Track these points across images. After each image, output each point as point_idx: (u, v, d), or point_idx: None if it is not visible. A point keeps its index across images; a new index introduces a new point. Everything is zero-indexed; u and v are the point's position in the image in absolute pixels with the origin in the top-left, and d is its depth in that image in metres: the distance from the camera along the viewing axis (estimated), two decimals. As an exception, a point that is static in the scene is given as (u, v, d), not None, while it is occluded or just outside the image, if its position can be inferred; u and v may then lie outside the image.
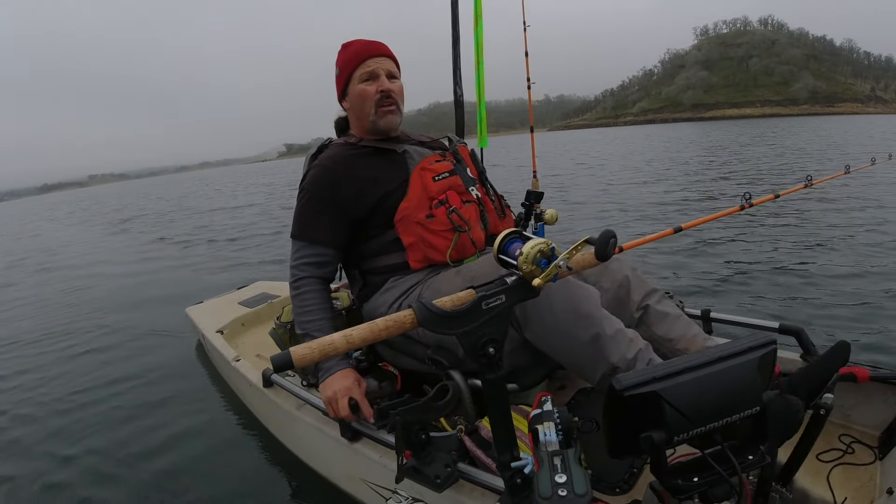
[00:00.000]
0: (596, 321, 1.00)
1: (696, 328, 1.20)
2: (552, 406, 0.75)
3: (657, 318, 1.19)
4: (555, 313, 1.00)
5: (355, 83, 1.31)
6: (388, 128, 1.33)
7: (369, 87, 1.29)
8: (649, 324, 1.19)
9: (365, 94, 1.29)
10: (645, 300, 1.20)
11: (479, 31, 2.14)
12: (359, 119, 1.35)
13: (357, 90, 1.30)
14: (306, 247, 1.30)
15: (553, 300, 1.00)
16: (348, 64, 1.31)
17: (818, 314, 2.66)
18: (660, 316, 1.19)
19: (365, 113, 1.32)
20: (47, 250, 9.10)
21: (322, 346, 0.69)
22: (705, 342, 1.16)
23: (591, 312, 1.01)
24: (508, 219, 1.50)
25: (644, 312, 1.20)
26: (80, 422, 2.18)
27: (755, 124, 46.40)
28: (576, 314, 1.00)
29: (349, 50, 1.31)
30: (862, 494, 1.05)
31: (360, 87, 1.30)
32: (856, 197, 5.88)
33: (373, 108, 1.30)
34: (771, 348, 0.68)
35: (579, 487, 0.60)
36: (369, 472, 1.22)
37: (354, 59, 1.30)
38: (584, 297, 1.02)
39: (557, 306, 1.00)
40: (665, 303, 1.22)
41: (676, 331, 1.18)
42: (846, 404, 1.27)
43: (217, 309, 2.55)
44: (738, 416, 0.65)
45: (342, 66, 1.32)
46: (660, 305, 1.20)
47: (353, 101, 1.33)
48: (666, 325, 1.18)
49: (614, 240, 0.75)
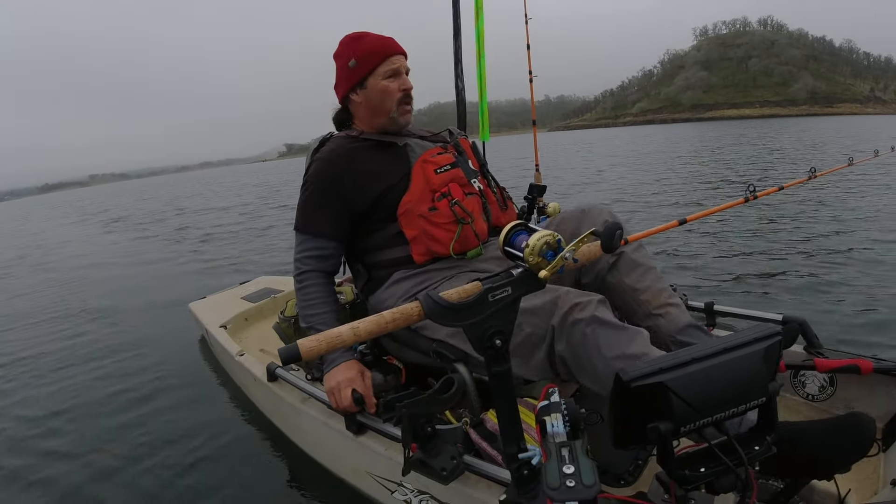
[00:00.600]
0: (647, 358, 0.96)
1: (663, 283, 1.20)
2: (559, 397, 0.75)
3: (629, 266, 1.20)
4: (605, 359, 0.96)
5: (378, 78, 1.30)
6: (406, 124, 1.36)
7: (392, 83, 1.30)
8: (620, 269, 1.20)
9: (389, 91, 1.30)
10: (623, 246, 1.19)
11: (480, 24, 2.13)
12: (374, 113, 1.34)
13: (381, 86, 1.30)
14: (309, 240, 1.30)
15: (602, 347, 0.96)
16: (371, 58, 1.29)
17: (821, 306, 2.66)
18: (632, 264, 1.20)
19: (386, 109, 1.32)
20: (45, 247, 9.12)
21: (329, 338, 0.69)
22: (669, 298, 1.17)
23: (640, 353, 0.96)
24: (511, 210, 1.50)
25: (618, 258, 1.20)
26: (84, 417, 2.19)
27: (754, 125, 46.19)
28: (625, 357, 0.95)
29: (368, 42, 1.30)
30: (866, 486, 1.06)
31: (385, 84, 1.30)
32: (860, 189, 5.86)
33: (395, 106, 1.32)
34: (776, 339, 0.68)
35: (587, 478, 0.60)
36: (375, 465, 1.22)
37: (379, 53, 1.29)
38: (631, 340, 0.98)
39: (607, 353, 0.96)
40: (640, 252, 1.22)
41: (644, 282, 1.18)
42: (850, 396, 1.27)
43: (220, 304, 2.56)
44: (744, 407, 0.65)
45: (362, 59, 1.30)
46: (635, 254, 1.21)
47: (374, 95, 1.32)
48: (636, 275, 1.19)
49: (620, 231, 0.75)
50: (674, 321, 1.15)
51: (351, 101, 1.37)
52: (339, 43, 1.35)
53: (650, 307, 1.17)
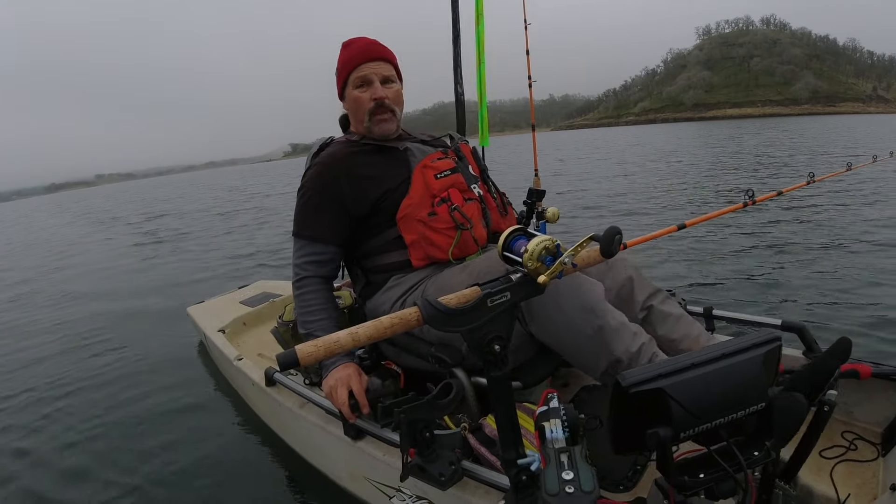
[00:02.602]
0: (600, 314, 1.00)
1: (699, 328, 1.20)
2: (558, 403, 0.75)
3: (660, 318, 1.19)
4: (560, 306, 1.00)
5: (350, 88, 1.31)
6: (384, 135, 1.33)
7: (363, 93, 1.29)
8: (653, 324, 1.19)
9: (359, 101, 1.30)
10: (649, 300, 1.20)
11: (481, 30, 2.14)
12: (356, 122, 1.36)
13: (352, 96, 1.31)
14: (307, 245, 1.30)
15: (559, 293, 1.00)
16: (344, 67, 1.30)
17: (820, 311, 2.66)
18: (663, 316, 1.19)
19: (359, 119, 1.33)
20: (45, 247, 9.10)
21: (328, 343, 0.69)
22: (708, 342, 1.17)
23: (596, 305, 1.01)
24: (510, 216, 1.50)
25: (648, 313, 1.20)
26: (81, 422, 2.18)
27: (755, 124, 46.35)
28: (581, 307, 1.00)
29: (347, 51, 1.31)
30: (865, 491, 1.06)
31: (355, 94, 1.30)
32: (858, 194, 5.88)
33: (367, 117, 1.30)
34: (776, 345, 0.68)
35: (587, 485, 0.60)
36: (373, 470, 1.22)
37: (349, 63, 1.29)
38: (589, 290, 1.02)
39: (563, 299, 1.00)
40: (669, 303, 1.22)
41: (680, 331, 1.18)
42: (849, 401, 1.27)
43: (218, 308, 2.55)
44: (743, 413, 0.65)
45: (339, 68, 1.32)
46: (663, 305, 1.20)
47: (349, 105, 1.34)
48: (669, 325, 1.18)
49: (619, 236, 0.75)
50: None
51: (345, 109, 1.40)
52: None
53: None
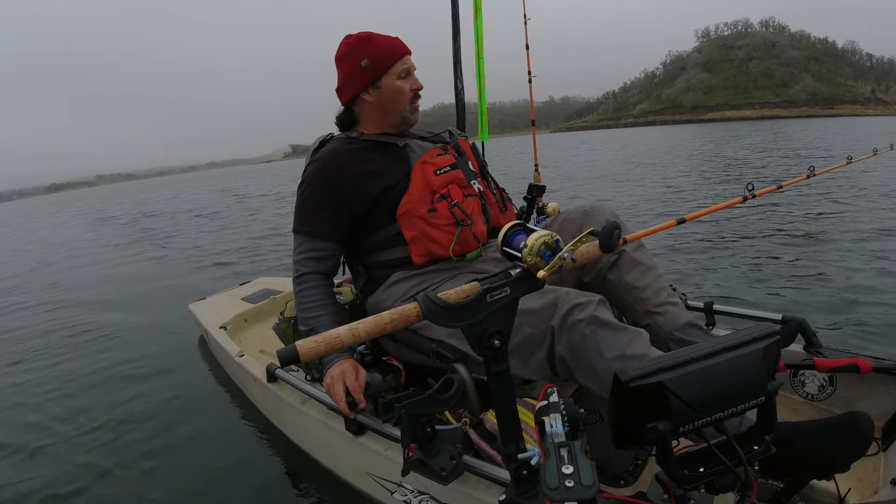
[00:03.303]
0: (646, 359, 0.95)
1: (663, 282, 1.22)
2: (558, 397, 0.75)
3: (630, 265, 1.22)
4: (605, 359, 0.96)
5: (393, 78, 1.31)
6: (415, 122, 1.39)
7: (405, 84, 1.32)
8: (620, 267, 1.22)
9: (402, 91, 1.32)
10: (623, 245, 1.20)
11: (479, 24, 2.13)
12: (385, 113, 1.35)
13: (395, 85, 1.31)
14: (307, 241, 1.30)
15: (602, 348, 0.96)
16: (386, 58, 1.30)
17: (821, 305, 2.66)
18: (633, 262, 1.22)
19: (399, 108, 1.33)
20: (42, 248, 9.12)
21: (328, 339, 0.69)
22: (668, 297, 1.19)
23: (639, 354, 0.97)
24: (510, 212, 1.49)
25: (619, 256, 1.22)
26: (83, 419, 2.19)
27: (753, 126, 46.19)
28: (624, 357, 0.96)
29: (381, 43, 1.30)
30: (865, 485, 1.06)
31: (399, 84, 1.31)
32: (859, 187, 5.86)
33: (408, 105, 1.34)
34: (775, 339, 0.68)
35: (586, 479, 0.60)
36: (375, 465, 1.22)
37: (394, 54, 1.30)
38: (630, 341, 0.98)
39: (607, 353, 0.96)
40: (641, 252, 1.24)
41: (644, 280, 1.20)
42: (850, 396, 1.27)
43: (220, 305, 2.56)
44: (743, 407, 0.65)
45: (377, 59, 1.29)
46: (635, 253, 1.23)
47: (387, 94, 1.32)
48: (636, 273, 1.21)
49: (619, 231, 0.75)
50: (673, 319, 1.16)
51: (360, 102, 1.35)
52: (343, 44, 1.33)
53: (649, 305, 1.19)
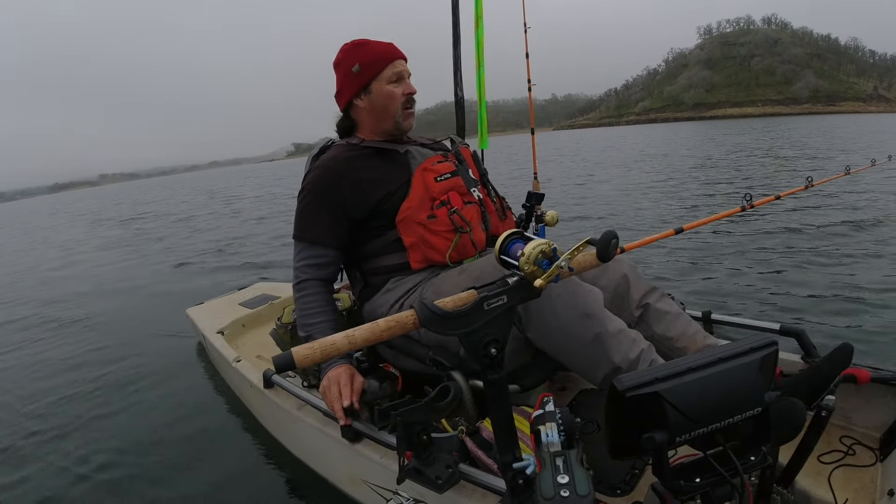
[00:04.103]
0: (599, 321, 1.00)
1: (696, 326, 1.20)
2: (554, 407, 0.75)
3: (657, 317, 1.19)
4: (557, 313, 1.00)
5: (383, 83, 1.30)
6: (409, 128, 1.37)
7: (397, 88, 1.31)
8: (649, 322, 1.19)
9: (393, 96, 1.31)
10: (645, 298, 1.20)
11: (480, 33, 2.15)
12: (378, 119, 1.34)
13: (386, 90, 1.30)
14: (308, 248, 1.30)
15: (556, 300, 1.00)
16: (376, 63, 1.29)
17: (819, 316, 2.66)
18: (660, 314, 1.19)
19: (390, 113, 1.32)
20: (42, 249, 9.11)
21: (324, 346, 0.69)
22: (705, 340, 1.16)
23: (594, 312, 1.01)
24: (509, 220, 1.50)
25: (644, 311, 1.20)
26: (79, 424, 2.18)
27: (755, 123, 46.45)
28: (579, 314, 1.00)
29: (372, 48, 1.31)
30: (863, 496, 1.05)
31: (390, 88, 1.30)
32: (857, 197, 5.88)
33: (399, 110, 1.32)
34: (772, 349, 0.68)
35: (582, 488, 0.60)
36: (370, 473, 1.22)
37: (383, 59, 1.30)
38: (587, 296, 1.02)
39: (560, 306, 1.00)
40: (665, 301, 1.22)
41: (676, 329, 1.18)
42: (847, 406, 1.27)
43: (217, 310, 2.55)
44: (739, 417, 0.65)
45: (367, 64, 1.30)
46: (660, 304, 1.20)
47: (378, 100, 1.32)
48: (666, 324, 1.18)
49: (616, 240, 0.75)
50: None
51: (354, 108, 1.36)
52: (340, 51, 1.34)
53: (690, 352, 1.15)
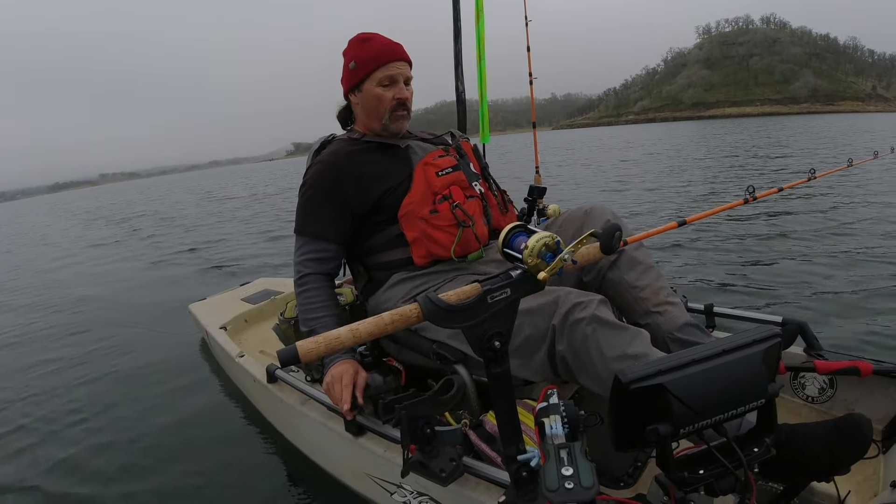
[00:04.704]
0: (647, 359, 0.96)
1: (663, 282, 1.21)
2: (558, 399, 0.75)
3: (630, 264, 1.21)
4: (606, 359, 0.96)
5: (373, 84, 1.29)
6: (399, 132, 1.36)
7: (387, 92, 1.30)
8: (620, 266, 1.21)
9: (382, 99, 1.30)
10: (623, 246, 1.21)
11: (481, 27, 2.14)
12: (368, 117, 1.35)
13: (374, 92, 1.30)
14: (309, 242, 1.30)
15: (603, 347, 0.96)
16: (370, 62, 1.29)
17: (822, 308, 2.66)
18: (633, 261, 1.21)
19: (378, 115, 1.32)
20: (41, 248, 9.13)
21: (328, 340, 0.69)
22: (668, 297, 1.18)
23: (641, 353, 0.96)
24: (511, 214, 1.50)
25: (619, 255, 1.22)
26: (82, 419, 2.19)
27: (753, 123, 46.26)
28: (626, 357, 0.96)
29: (371, 47, 1.29)
30: (865, 488, 1.06)
31: (378, 91, 1.30)
32: (860, 190, 5.86)
33: (387, 114, 1.31)
34: (775, 341, 0.68)
35: (586, 480, 0.60)
36: (374, 466, 1.22)
37: (377, 59, 1.28)
38: (631, 340, 0.98)
39: (608, 353, 0.96)
40: (641, 251, 1.24)
41: (644, 280, 1.20)
42: (850, 398, 1.27)
43: (220, 305, 2.56)
44: (743, 409, 0.65)
45: (361, 63, 1.29)
46: (635, 252, 1.23)
47: (367, 100, 1.32)
48: (636, 273, 1.20)
49: (619, 233, 0.75)
50: (672, 319, 1.16)
51: (351, 101, 1.39)
52: (349, 41, 1.34)
53: (649, 304, 1.18)
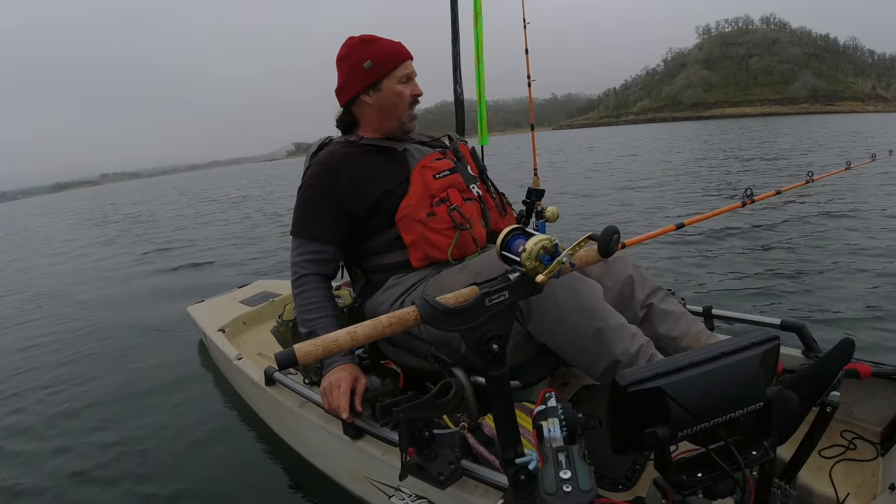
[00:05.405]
0: (599, 315, 1.01)
1: (699, 325, 1.20)
2: (556, 402, 0.75)
3: (661, 317, 1.19)
4: (559, 306, 1.01)
5: (394, 82, 1.29)
6: (412, 129, 1.37)
7: (406, 89, 1.31)
8: (653, 322, 1.20)
9: (402, 96, 1.31)
10: (649, 298, 1.21)
11: (479, 29, 2.14)
12: (383, 117, 1.33)
13: (396, 89, 1.30)
14: (306, 243, 1.30)
15: (557, 293, 1.00)
16: (388, 61, 1.29)
17: (820, 310, 2.66)
18: (663, 314, 1.20)
19: (397, 113, 1.32)
20: (40, 248, 9.11)
21: (326, 342, 0.69)
22: (709, 339, 1.17)
23: (595, 306, 1.01)
24: (510, 216, 1.50)
25: (648, 311, 1.20)
26: (82, 422, 2.18)
27: (752, 123, 46.42)
28: (580, 307, 1.00)
29: (384, 45, 1.29)
30: (864, 490, 1.06)
31: (400, 88, 1.30)
32: (859, 192, 5.87)
33: (406, 111, 1.33)
34: (774, 344, 0.68)
35: (584, 483, 0.60)
36: (373, 469, 1.22)
37: (395, 57, 1.29)
38: (589, 290, 1.03)
39: (561, 299, 1.00)
40: (669, 301, 1.22)
41: (680, 328, 1.18)
42: (849, 400, 1.27)
43: (218, 307, 2.55)
44: (741, 412, 0.65)
45: (379, 61, 1.28)
46: (663, 304, 1.21)
47: (387, 98, 1.31)
48: (669, 323, 1.19)
49: (617, 236, 0.75)
50: None
51: (360, 104, 1.34)
52: (346, 45, 1.32)
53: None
